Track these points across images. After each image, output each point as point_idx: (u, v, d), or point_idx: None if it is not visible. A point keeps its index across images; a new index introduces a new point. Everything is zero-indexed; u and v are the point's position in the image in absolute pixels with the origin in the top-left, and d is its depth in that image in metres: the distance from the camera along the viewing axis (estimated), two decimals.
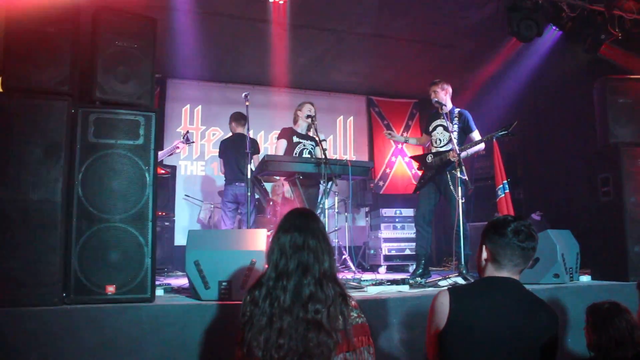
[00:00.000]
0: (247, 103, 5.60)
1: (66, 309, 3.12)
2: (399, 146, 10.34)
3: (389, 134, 6.11)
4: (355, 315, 2.18)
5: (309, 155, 5.78)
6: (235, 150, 6.60)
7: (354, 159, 9.41)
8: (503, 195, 7.38)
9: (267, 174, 5.47)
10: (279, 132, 6.13)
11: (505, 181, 7.43)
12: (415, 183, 6.34)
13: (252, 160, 6.23)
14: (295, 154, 5.81)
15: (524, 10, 5.34)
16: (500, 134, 4.93)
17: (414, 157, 5.90)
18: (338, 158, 8.89)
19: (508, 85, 7.93)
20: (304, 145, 5.88)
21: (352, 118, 10.29)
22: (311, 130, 5.91)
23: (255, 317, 2.10)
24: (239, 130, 6.83)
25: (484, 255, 2.29)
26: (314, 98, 9.16)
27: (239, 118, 6.82)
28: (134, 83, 3.66)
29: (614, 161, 4.95)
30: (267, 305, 2.10)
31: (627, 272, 4.71)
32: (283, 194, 5.96)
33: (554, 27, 6.00)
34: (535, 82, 7.68)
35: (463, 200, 4.95)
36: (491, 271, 2.26)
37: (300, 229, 2.20)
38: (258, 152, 6.63)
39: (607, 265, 4.91)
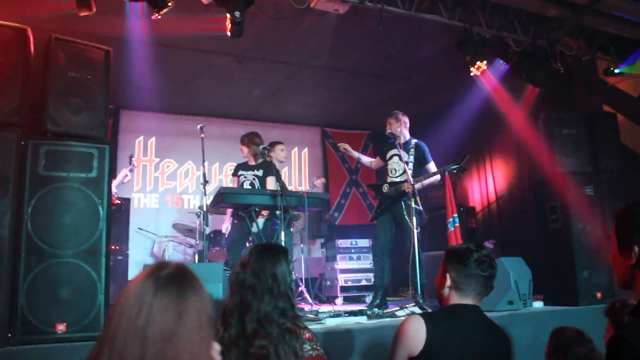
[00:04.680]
0: (202, 135, 5.56)
1: (12, 350, 2.96)
2: (354, 177, 10.44)
3: (344, 148, 6.17)
4: (309, 347, 2.13)
5: (250, 187, 5.74)
6: None
7: (309, 191, 9.43)
8: (453, 228, 7.52)
9: (223, 206, 5.40)
10: (233, 164, 6.08)
11: (455, 215, 7.57)
12: (370, 214, 6.39)
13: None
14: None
15: (473, 45, 5.57)
16: (451, 167, 5.04)
17: (370, 186, 5.97)
18: (293, 189, 8.90)
19: (459, 117, 8.15)
20: (245, 176, 5.83)
21: (306, 149, 10.35)
22: (258, 159, 5.87)
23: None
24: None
25: (448, 282, 2.33)
26: (269, 129, 9.23)
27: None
28: (87, 114, 3.59)
29: (561, 190, 5.14)
30: (222, 331, 2.07)
31: (577, 297, 4.86)
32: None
33: (501, 61, 6.25)
34: (485, 113, 7.93)
35: (418, 230, 4.99)
36: (455, 298, 2.32)
37: (245, 266, 2.15)
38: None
39: (559, 290, 5.05)
